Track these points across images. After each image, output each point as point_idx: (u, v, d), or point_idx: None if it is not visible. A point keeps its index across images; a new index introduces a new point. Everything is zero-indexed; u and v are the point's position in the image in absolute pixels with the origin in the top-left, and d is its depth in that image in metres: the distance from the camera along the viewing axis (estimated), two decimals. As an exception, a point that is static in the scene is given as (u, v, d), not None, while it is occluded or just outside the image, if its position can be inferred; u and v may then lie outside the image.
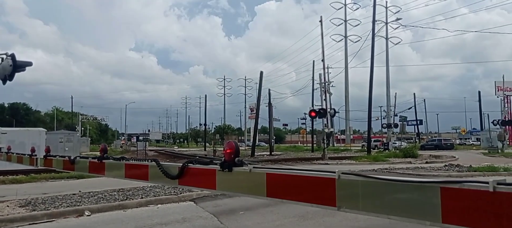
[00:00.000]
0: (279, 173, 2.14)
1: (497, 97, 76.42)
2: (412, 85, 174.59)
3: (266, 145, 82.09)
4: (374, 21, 30.99)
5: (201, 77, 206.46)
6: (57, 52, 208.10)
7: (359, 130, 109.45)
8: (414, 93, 75.59)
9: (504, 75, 59.81)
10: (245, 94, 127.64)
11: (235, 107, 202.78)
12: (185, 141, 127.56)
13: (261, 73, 40.35)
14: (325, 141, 27.19)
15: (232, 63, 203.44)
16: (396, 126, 45.62)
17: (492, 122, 39.38)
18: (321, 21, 28.45)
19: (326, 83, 27.18)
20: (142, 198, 10.81)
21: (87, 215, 9.31)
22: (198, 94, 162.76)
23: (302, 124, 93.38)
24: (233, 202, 10.53)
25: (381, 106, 76.53)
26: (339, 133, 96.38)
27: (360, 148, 58.61)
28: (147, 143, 57.06)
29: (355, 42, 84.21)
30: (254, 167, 2.28)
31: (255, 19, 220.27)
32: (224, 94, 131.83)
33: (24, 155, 6.30)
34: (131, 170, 3.46)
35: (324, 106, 26.91)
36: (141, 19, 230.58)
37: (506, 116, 41.61)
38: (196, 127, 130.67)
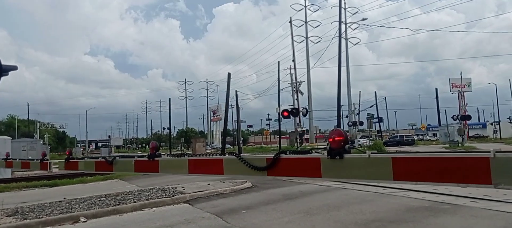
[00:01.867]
0: (409, 156, 2.17)
1: (452, 93, 79.93)
2: (369, 84, 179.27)
3: (231, 147, 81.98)
4: (340, 21, 31.58)
5: (160, 80, 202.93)
6: (8, 58, 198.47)
7: (320, 129, 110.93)
8: (375, 92, 77.57)
9: (461, 72, 62.40)
10: (207, 97, 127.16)
11: (196, 111, 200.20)
12: (147, 146, 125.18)
13: (229, 74, 40.29)
14: (298, 140, 27.51)
15: (192, 66, 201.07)
16: (361, 123, 46.75)
17: (452, 117, 41.04)
18: (290, 21, 28.89)
19: (297, 83, 27.50)
20: (135, 202, 10.56)
21: (83, 221, 9.00)
22: (157, 98, 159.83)
23: (266, 124, 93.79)
24: (229, 202, 10.48)
25: (342, 105, 77.88)
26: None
27: (325, 146, 59.40)
28: (112, 148, 55.57)
29: (316, 43, 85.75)
30: (372, 153, 2.30)
31: (213, 21, 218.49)
32: (186, 97, 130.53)
33: (32, 159, 6.02)
34: (199, 165, 3.41)
35: (296, 106, 27.19)
36: (96, 23, 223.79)
37: (465, 111, 43.57)
38: (158, 131, 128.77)
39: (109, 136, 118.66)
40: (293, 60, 27.17)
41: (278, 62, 56.71)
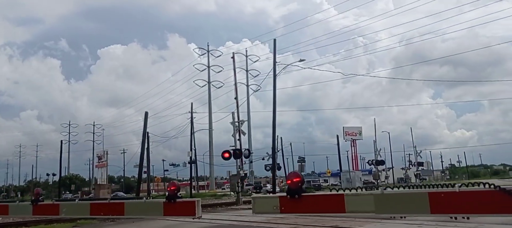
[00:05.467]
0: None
1: (345, 141, 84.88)
2: (257, 132, 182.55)
3: (125, 194, 76.81)
4: (274, 62, 30.84)
5: (35, 123, 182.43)
6: None
7: (222, 177, 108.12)
8: (281, 138, 78.28)
9: (376, 119, 65.76)
10: (93, 141, 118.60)
11: (77, 156, 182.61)
12: (22, 194, 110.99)
13: (146, 114, 37.40)
14: (239, 185, 25.44)
15: (72, 108, 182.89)
16: (278, 168, 46.09)
17: (367, 162, 42.36)
18: (233, 57, 27.39)
19: (239, 122, 25.63)
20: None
21: None
22: (32, 142, 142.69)
23: (165, 170, 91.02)
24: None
25: (246, 149, 77.35)
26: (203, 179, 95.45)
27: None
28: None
29: (218, 88, 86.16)
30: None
31: (98, 62, 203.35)
32: (69, 141, 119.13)
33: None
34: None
35: (239, 147, 25.23)
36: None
37: (378, 156, 45.28)
38: (35, 177, 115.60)
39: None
40: (235, 98, 25.51)
41: (191, 103, 54.82)
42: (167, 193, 4.82)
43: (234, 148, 25.15)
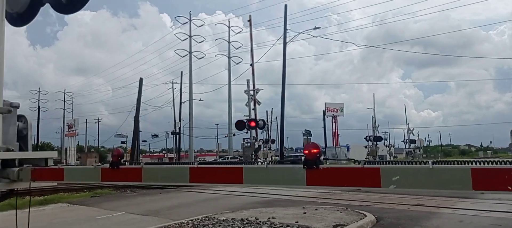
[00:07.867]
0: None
1: (327, 117, 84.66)
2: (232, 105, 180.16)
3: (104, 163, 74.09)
4: (285, 29, 29.18)
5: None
6: None
7: (195, 149, 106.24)
8: (267, 111, 77.42)
9: (346, 96, 65.16)
10: (64, 109, 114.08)
11: (44, 125, 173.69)
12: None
13: (141, 79, 35.26)
14: (252, 156, 23.98)
15: (37, 75, 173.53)
16: (272, 141, 44.93)
17: (365, 138, 41.61)
18: (249, 20, 25.53)
19: (255, 91, 23.94)
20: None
21: None
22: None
23: (143, 141, 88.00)
24: None
25: (217, 124, 77.09)
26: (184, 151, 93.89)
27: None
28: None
29: (200, 58, 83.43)
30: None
31: (65, 28, 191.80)
32: (39, 108, 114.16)
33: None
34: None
35: (253, 117, 23.64)
36: None
37: (376, 132, 44.50)
38: None
39: None
40: (251, 65, 23.92)
41: (181, 72, 52.44)
42: None
43: (248, 117, 23.55)
